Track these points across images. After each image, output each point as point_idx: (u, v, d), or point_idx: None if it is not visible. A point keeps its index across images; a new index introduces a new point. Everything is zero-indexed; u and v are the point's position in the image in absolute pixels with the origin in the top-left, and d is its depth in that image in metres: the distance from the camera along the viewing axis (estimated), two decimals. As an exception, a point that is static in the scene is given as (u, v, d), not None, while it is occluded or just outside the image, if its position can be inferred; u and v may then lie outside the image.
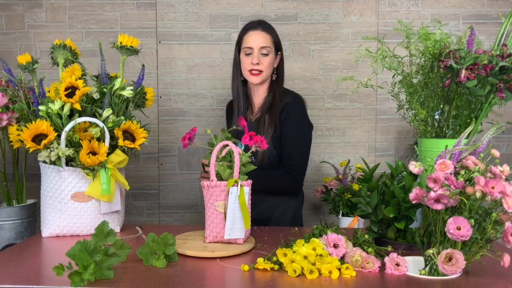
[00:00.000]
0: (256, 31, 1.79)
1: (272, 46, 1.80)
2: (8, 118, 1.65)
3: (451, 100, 1.43)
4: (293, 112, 1.82)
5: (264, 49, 1.77)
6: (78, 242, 1.07)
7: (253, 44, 1.77)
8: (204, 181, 1.36)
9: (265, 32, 1.79)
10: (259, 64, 1.77)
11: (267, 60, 1.78)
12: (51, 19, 2.42)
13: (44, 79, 1.61)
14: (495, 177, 1.05)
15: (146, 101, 1.72)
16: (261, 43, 1.77)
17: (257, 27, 1.80)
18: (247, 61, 1.78)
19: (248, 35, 1.79)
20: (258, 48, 1.77)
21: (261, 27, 1.80)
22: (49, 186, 1.50)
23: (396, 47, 1.58)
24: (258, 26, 1.80)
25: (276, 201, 1.85)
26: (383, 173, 1.40)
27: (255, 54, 1.76)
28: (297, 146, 1.80)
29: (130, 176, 2.41)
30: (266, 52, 1.78)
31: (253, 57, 1.76)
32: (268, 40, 1.79)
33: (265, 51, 1.77)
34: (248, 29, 1.81)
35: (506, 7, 2.37)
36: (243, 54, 1.80)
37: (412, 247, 1.27)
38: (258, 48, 1.77)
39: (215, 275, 1.14)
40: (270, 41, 1.79)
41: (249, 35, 1.79)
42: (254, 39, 1.77)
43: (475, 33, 1.41)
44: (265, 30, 1.80)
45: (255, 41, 1.77)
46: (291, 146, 1.80)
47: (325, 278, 1.08)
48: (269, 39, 1.79)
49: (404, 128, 2.43)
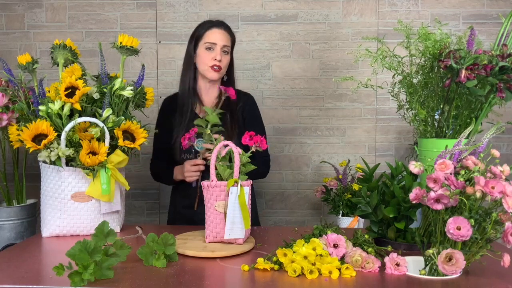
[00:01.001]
0: (220, 29, 1.81)
1: (231, 47, 1.85)
2: (8, 118, 1.65)
3: (451, 100, 1.43)
4: (256, 108, 1.95)
5: (226, 48, 1.81)
6: (78, 242, 1.07)
7: (217, 41, 1.78)
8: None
9: (227, 32, 1.83)
10: (221, 61, 1.79)
11: (226, 59, 1.82)
12: (51, 19, 2.42)
13: (44, 79, 1.61)
14: (495, 177, 1.05)
15: (146, 101, 1.72)
16: (224, 42, 1.80)
17: (220, 26, 1.83)
18: (209, 56, 1.79)
19: (212, 32, 1.80)
20: (221, 46, 1.79)
21: (224, 27, 1.83)
22: (49, 186, 1.50)
23: (396, 47, 1.58)
24: (222, 25, 1.83)
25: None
26: (383, 173, 1.40)
27: (218, 51, 1.78)
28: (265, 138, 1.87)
29: (130, 176, 2.41)
30: (227, 50, 1.82)
31: (216, 53, 1.78)
32: (229, 40, 1.83)
33: (226, 49, 1.81)
34: (212, 26, 1.82)
35: (506, 7, 2.37)
36: (203, 48, 1.80)
37: (412, 247, 1.27)
38: (221, 46, 1.79)
39: (215, 275, 1.14)
40: (230, 42, 1.84)
41: (213, 31, 1.80)
42: (218, 36, 1.79)
43: (475, 33, 1.41)
44: (227, 30, 1.84)
45: (219, 39, 1.79)
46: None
47: (325, 278, 1.08)
48: (230, 40, 1.84)
49: (404, 128, 2.43)
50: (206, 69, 1.81)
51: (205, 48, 1.80)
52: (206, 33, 1.81)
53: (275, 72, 2.45)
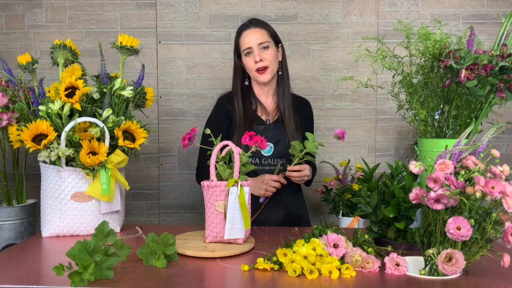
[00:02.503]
0: (249, 30, 1.75)
1: (270, 39, 1.76)
2: (8, 118, 1.65)
3: (451, 100, 1.43)
4: (311, 110, 1.95)
5: (263, 44, 1.73)
6: (78, 242, 1.07)
7: (251, 43, 1.73)
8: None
9: (258, 28, 1.75)
10: (262, 61, 1.72)
11: (269, 54, 1.73)
12: (51, 19, 2.42)
13: (44, 79, 1.61)
14: (495, 177, 1.05)
15: (146, 101, 1.72)
16: (258, 39, 1.73)
17: (249, 26, 1.76)
18: (251, 61, 1.73)
19: (243, 36, 1.75)
20: (256, 45, 1.72)
21: (253, 25, 1.76)
22: (49, 186, 1.50)
23: (396, 47, 1.58)
24: (250, 24, 1.77)
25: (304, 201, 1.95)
26: (383, 173, 1.40)
27: (256, 52, 1.72)
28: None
29: (130, 176, 2.41)
30: (267, 45, 1.73)
31: (255, 55, 1.72)
32: (264, 35, 1.74)
33: (265, 45, 1.73)
34: (241, 30, 1.78)
35: (506, 7, 2.37)
36: (244, 56, 1.77)
37: (412, 247, 1.27)
38: (256, 45, 1.72)
39: (215, 275, 1.14)
40: (266, 35, 1.75)
41: (244, 35, 1.75)
42: (250, 38, 1.73)
43: (475, 33, 1.41)
44: (258, 26, 1.76)
45: (252, 40, 1.73)
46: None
47: (325, 278, 1.08)
48: (265, 34, 1.75)
49: (404, 128, 2.43)
50: (254, 75, 1.76)
51: (245, 55, 1.76)
52: (239, 41, 1.77)
53: (275, 72, 2.45)
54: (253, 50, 1.73)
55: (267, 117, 1.85)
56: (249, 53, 1.74)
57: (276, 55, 1.77)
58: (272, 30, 1.79)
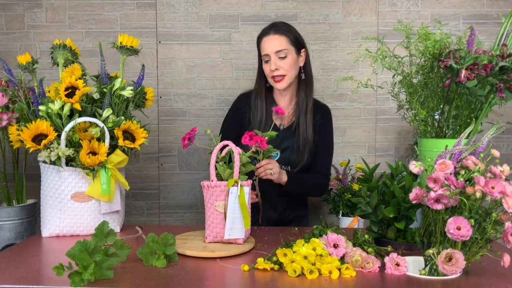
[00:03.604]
0: (268, 36, 1.74)
1: (290, 46, 1.74)
2: (8, 118, 1.65)
3: (451, 100, 1.43)
4: (330, 118, 1.87)
5: (281, 53, 1.72)
6: (78, 242, 1.07)
7: (268, 50, 1.72)
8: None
9: (278, 35, 1.73)
10: (278, 70, 1.72)
11: (286, 63, 1.72)
12: (51, 19, 2.42)
13: (44, 79, 1.61)
14: (495, 177, 1.05)
15: (146, 101, 1.72)
16: (276, 47, 1.71)
17: (269, 32, 1.75)
18: (268, 69, 1.74)
19: (263, 42, 1.75)
20: (273, 53, 1.71)
21: (273, 31, 1.74)
22: (49, 186, 1.50)
23: (396, 47, 1.58)
24: (270, 30, 1.75)
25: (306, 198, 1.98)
26: (383, 173, 1.40)
27: (273, 60, 1.71)
28: (331, 153, 1.87)
29: (130, 176, 2.41)
30: (284, 55, 1.72)
31: (271, 64, 1.71)
32: (283, 42, 1.72)
33: (282, 54, 1.72)
34: (262, 36, 1.77)
35: (506, 7, 2.37)
36: (263, 62, 1.77)
37: (412, 247, 1.27)
38: (273, 53, 1.71)
39: (215, 275, 1.14)
40: (285, 42, 1.73)
41: (263, 42, 1.75)
42: (268, 45, 1.73)
43: (475, 33, 1.41)
44: (278, 33, 1.73)
45: (269, 47, 1.72)
46: (328, 152, 1.85)
47: (325, 278, 1.08)
48: (284, 41, 1.73)
49: (404, 128, 2.43)
50: (271, 81, 1.77)
51: (264, 61, 1.77)
52: (260, 46, 1.77)
53: (275, 72, 2.45)
54: (270, 58, 1.73)
55: (281, 121, 1.83)
56: (268, 60, 1.74)
57: (296, 61, 1.76)
58: (293, 36, 1.77)
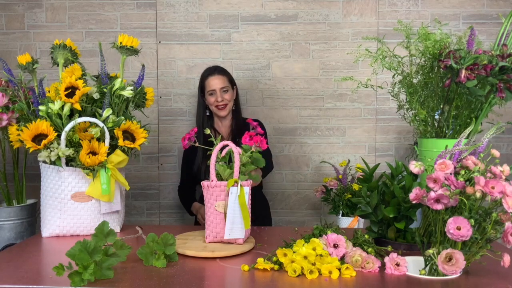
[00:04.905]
0: (214, 76, 2.14)
1: (229, 84, 2.17)
2: (8, 118, 1.65)
3: (451, 100, 1.43)
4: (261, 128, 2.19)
5: (224, 88, 2.14)
6: (78, 242, 1.07)
7: (215, 87, 2.13)
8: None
9: (221, 75, 2.15)
10: (223, 100, 2.14)
11: (228, 95, 2.16)
12: (51, 19, 2.42)
13: (44, 79, 1.61)
14: (495, 177, 1.05)
15: (146, 101, 1.72)
16: (221, 85, 2.13)
17: (213, 72, 2.16)
18: (213, 100, 2.14)
19: (209, 80, 2.15)
20: (219, 89, 2.13)
21: (217, 72, 2.16)
22: (49, 186, 1.50)
23: (396, 47, 1.58)
24: (215, 71, 2.16)
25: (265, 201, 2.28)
26: (383, 173, 1.40)
27: (218, 94, 2.13)
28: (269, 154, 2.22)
29: (130, 176, 2.41)
30: (226, 89, 2.15)
31: (217, 96, 2.13)
32: (225, 81, 2.15)
33: (225, 89, 2.15)
34: (208, 75, 2.16)
35: (506, 7, 2.37)
36: (207, 95, 2.15)
37: (412, 247, 1.27)
38: (219, 89, 2.13)
39: (215, 275, 1.14)
40: (226, 81, 2.16)
41: (210, 80, 2.15)
42: (214, 82, 2.14)
43: (475, 33, 1.40)
44: (221, 74, 2.16)
45: (215, 84, 2.13)
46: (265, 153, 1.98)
47: (325, 278, 1.08)
48: (226, 80, 2.16)
49: (404, 128, 2.43)
50: (214, 109, 2.17)
51: (209, 94, 2.16)
52: (205, 82, 2.16)
53: (275, 72, 2.45)
54: (216, 92, 2.14)
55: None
56: (212, 93, 2.15)
57: (233, 95, 2.20)
58: (230, 77, 2.22)
